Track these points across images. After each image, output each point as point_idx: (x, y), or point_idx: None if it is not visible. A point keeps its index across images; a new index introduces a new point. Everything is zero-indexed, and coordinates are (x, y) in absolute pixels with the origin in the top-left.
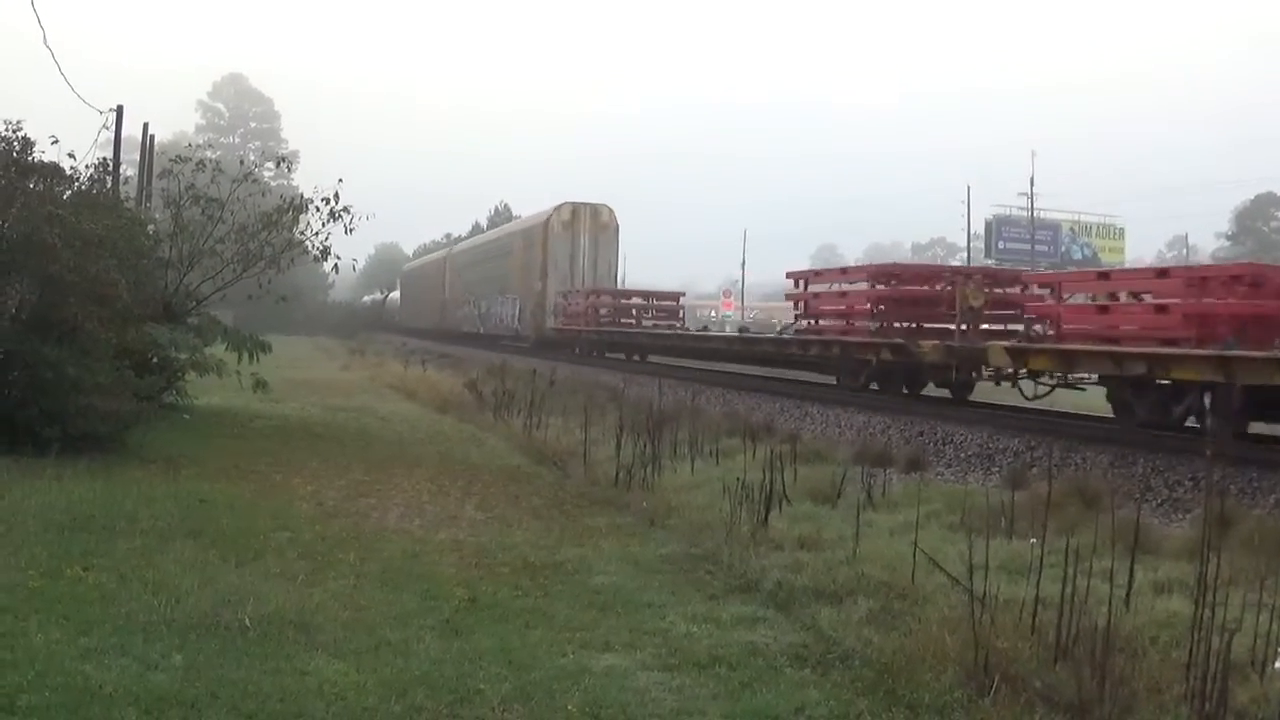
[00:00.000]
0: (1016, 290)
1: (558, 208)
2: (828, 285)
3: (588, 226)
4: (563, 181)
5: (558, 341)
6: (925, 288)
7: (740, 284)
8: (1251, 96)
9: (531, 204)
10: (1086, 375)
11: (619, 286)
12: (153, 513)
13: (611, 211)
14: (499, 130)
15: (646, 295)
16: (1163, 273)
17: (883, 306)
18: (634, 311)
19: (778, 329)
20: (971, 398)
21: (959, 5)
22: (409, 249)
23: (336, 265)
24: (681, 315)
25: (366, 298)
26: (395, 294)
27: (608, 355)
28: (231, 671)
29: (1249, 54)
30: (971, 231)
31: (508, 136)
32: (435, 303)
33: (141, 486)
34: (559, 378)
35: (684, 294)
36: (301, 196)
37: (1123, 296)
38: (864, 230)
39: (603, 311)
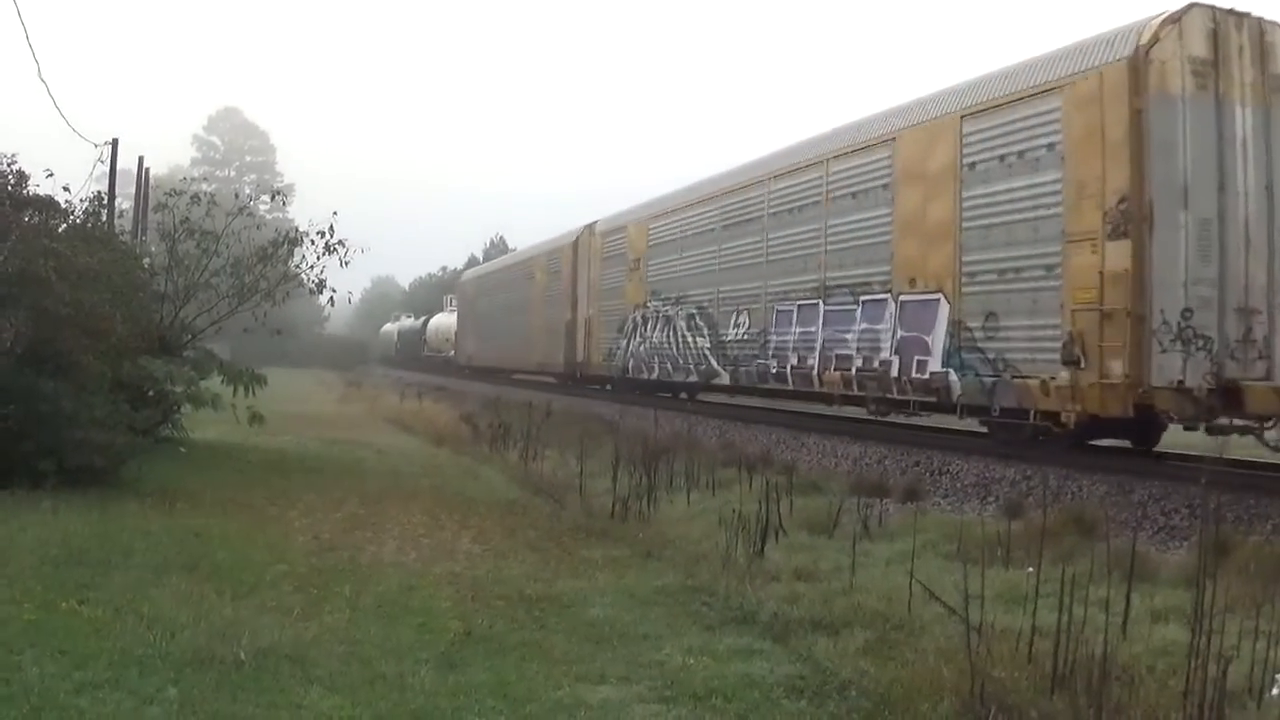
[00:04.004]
0: None
1: (1181, 17)
2: None
3: (1251, 79)
4: (565, 215)
5: None
6: None
7: None
8: None
9: (533, 237)
10: None
11: None
12: (148, 546)
13: None
14: (497, 166)
15: None
16: None
17: None
18: None
19: None
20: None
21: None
22: (405, 282)
23: (332, 298)
24: None
25: (390, 325)
26: (444, 316)
27: None
28: (226, 706)
29: None
30: None
31: (506, 173)
32: (546, 326)
33: (137, 520)
34: (554, 409)
35: None
36: (296, 230)
37: None
38: None
39: None
